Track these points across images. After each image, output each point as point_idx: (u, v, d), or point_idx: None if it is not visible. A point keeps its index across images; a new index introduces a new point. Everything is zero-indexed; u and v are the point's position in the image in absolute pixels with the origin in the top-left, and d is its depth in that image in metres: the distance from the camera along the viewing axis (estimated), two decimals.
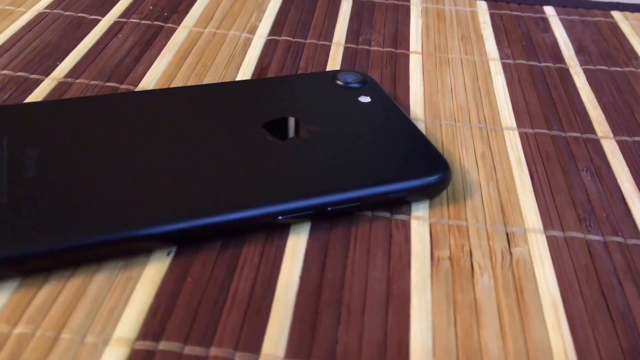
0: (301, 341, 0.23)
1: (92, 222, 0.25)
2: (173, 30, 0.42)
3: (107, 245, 0.24)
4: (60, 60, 0.38)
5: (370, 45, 0.42)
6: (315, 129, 0.31)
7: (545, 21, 0.47)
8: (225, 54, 0.40)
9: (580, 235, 0.28)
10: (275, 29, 0.43)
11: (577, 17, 0.48)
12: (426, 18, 0.46)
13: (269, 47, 0.41)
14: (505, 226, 0.28)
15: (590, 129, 0.35)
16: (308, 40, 0.42)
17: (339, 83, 0.35)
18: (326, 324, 0.23)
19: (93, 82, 0.36)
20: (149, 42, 0.40)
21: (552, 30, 0.46)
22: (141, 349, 0.22)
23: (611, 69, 0.41)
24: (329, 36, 0.43)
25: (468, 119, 0.35)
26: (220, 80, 0.37)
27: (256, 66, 0.39)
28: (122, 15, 0.43)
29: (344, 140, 0.30)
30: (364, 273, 0.26)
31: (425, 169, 0.29)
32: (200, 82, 0.37)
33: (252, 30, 0.43)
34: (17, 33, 0.40)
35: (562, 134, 0.35)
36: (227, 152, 0.29)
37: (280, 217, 0.26)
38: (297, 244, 0.27)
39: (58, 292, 0.24)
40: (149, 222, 0.25)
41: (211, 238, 0.26)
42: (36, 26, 0.41)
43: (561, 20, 0.47)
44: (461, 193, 0.30)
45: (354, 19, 0.45)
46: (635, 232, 0.28)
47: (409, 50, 0.42)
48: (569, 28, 0.46)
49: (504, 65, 0.41)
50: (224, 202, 0.26)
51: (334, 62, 0.40)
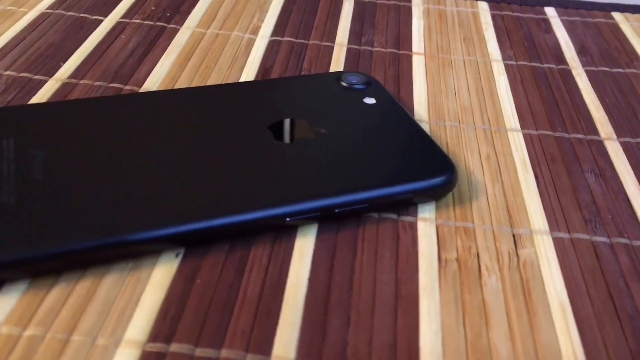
0: (312, 343, 0.23)
1: (100, 224, 0.25)
2: (176, 31, 0.42)
3: (116, 247, 0.24)
4: (64, 60, 0.38)
5: (372, 46, 0.42)
6: (321, 130, 0.31)
7: (546, 22, 0.47)
8: (228, 54, 0.40)
9: (586, 236, 0.28)
10: (278, 29, 0.43)
11: (578, 18, 0.48)
12: (428, 19, 0.46)
13: (272, 48, 0.41)
14: (512, 228, 0.28)
15: (594, 131, 0.35)
16: (311, 41, 0.42)
17: (344, 84, 0.35)
18: (336, 325, 0.23)
19: (97, 83, 0.36)
20: (152, 43, 0.40)
21: (554, 31, 0.46)
22: (152, 351, 0.22)
23: (613, 70, 0.42)
24: (332, 37, 0.43)
25: (472, 120, 0.35)
26: (224, 81, 0.37)
27: (259, 67, 0.39)
28: (125, 16, 0.43)
29: (350, 142, 0.30)
30: (372, 275, 0.26)
31: (432, 170, 0.29)
32: (204, 83, 0.37)
33: (255, 31, 0.43)
34: (20, 33, 0.40)
35: (566, 135, 0.35)
36: (234, 154, 0.29)
37: (289, 219, 0.26)
38: (305, 245, 0.27)
39: (68, 294, 0.24)
40: (157, 224, 0.25)
41: (219, 240, 0.26)
42: (38, 27, 0.41)
43: (562, 21, 0.47)
44: (467, 194, 0.30)
45: (356, 20, 0.45)
46: None
47: (411, 51, 0.42)
48: (570, 29, 0.46)
49: (507, 67, 0.41)
50: (232, 204, 0.26)
51: (337, 63, 0.40)
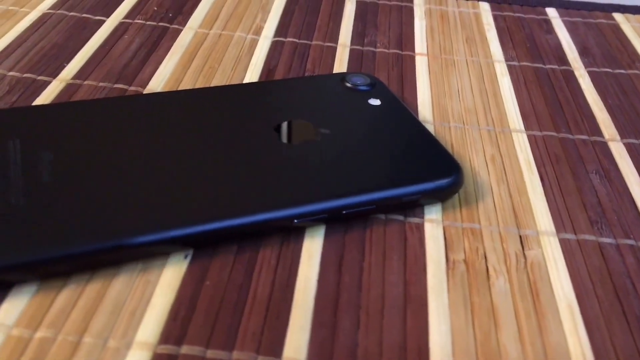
0: (322, 344, 0.23)
1: (109, 226, 0.25)
2: (179, 31, 0.42)
3: (125, 249, 0.24)
4: (67, 61, 0.38)
5: (375, 46, 0.42)
6: (327, 131, 0.31)
7: (548, 23, 0.47)
8: (231, 55, 0.40)
9: (592, 238, 0.28)
10: (281, 30, 0.43)
11: (580, 19, 0.48)
12: (430, 19, 0.46)
13: (275, 49, 0.41)
14: (518, 229, 0.28)
15: (598, 132, 0.35)
16: (314, 42, 0.42)
17: (348, 85, 0.35)
18: (346, 327, 0.23)
19: (102, 84, 0.36)
20: (155, 44, 0.40)
21: (555, 32, 0.46)
22: (163, 353, 0.22)
23: (615, 71, 0.42)
24: (335, 37, 0.43)
25: (476, 122, 0.35)
26: (228, 82, 0.37)
27: (263, 68, 0.39)
28: (127, 16, 0.43)
29: (356, 143, 0.30)
30: (380, 276, 0.26)
31: (439, 172, 0.29)
32: (208, 84, 0.37)
33: (258, 32, 0.43)
34: (22, 34, 0.40)
35: (570, 136, 0.35)
36: (241, 155, 0.29)
37: (296, 220, 0.26)
38: (313, 247, 0.27)
39: (78, 296, 0.24)
40: (166, 225, 0.25)
41: (228, 241, 0.26)
42: (41, 27, 0.41)
43: (564, 22, 0.48)
44: (473, 196, 0.30)
45: (359, 20, 0.45)
46: None
47: (414, 52, 0.42)
48: (572, 30, 0.47)
49: (510, 67, 0.41)
50: (239, 206, 0.26)
51: (341, 64, 0.40)
